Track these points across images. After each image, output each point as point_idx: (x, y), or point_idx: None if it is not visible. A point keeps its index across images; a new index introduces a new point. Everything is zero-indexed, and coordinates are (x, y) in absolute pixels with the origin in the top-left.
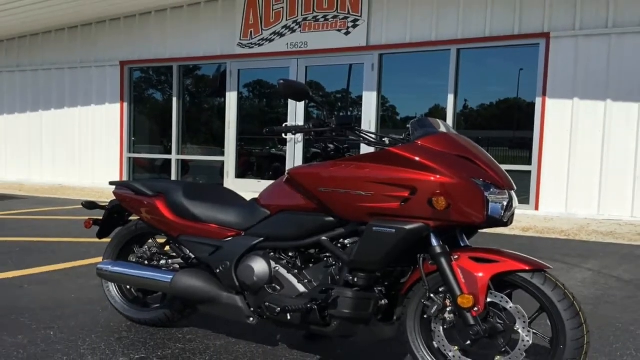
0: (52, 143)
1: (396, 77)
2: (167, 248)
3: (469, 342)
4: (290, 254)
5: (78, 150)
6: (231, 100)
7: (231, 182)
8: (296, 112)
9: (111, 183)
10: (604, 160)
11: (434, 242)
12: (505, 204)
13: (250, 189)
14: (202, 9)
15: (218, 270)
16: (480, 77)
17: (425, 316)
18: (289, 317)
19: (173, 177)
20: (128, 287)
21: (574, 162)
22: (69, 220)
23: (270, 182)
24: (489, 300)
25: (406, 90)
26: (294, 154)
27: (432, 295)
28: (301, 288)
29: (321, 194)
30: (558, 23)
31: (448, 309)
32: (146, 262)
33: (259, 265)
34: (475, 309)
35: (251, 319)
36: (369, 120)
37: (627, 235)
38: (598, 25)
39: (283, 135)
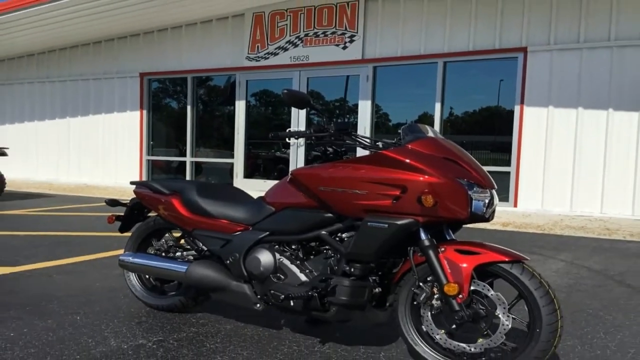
0: (78, 146)
1: (389, 87)
2: (182, 241)
3: (454, 326)
4: (293, 247)
5: (102, 153)
6: (240, 108)
7: (240, 181)
8: (298, 118)
9: (132, 183)
10: (576, 162)
11: (423, 236)
12: (487, 201)
13: (257, 188)
14: (213, 26)
15: (228, 261)
16: (465, 87)
17: (415, 303)
18: (292, 304)
19: (187, 177)
20: (147, 276)
21: (549, 164)
22: (93, 216)
23: (275, 182)
24: (472, 288)
25: (397, 99)
26: (297, 156)
27: (421, 284)
28: (303, 277)
29: (321, 192)
30: (535, 38)
31: (435, 296)
32: (163, 254)
33: (265, 257)
34: (460, 296)
35: (258, 305)
36: (364, 126)
37: (596, 229)
38: (571, 41)
39: (287, 139)
